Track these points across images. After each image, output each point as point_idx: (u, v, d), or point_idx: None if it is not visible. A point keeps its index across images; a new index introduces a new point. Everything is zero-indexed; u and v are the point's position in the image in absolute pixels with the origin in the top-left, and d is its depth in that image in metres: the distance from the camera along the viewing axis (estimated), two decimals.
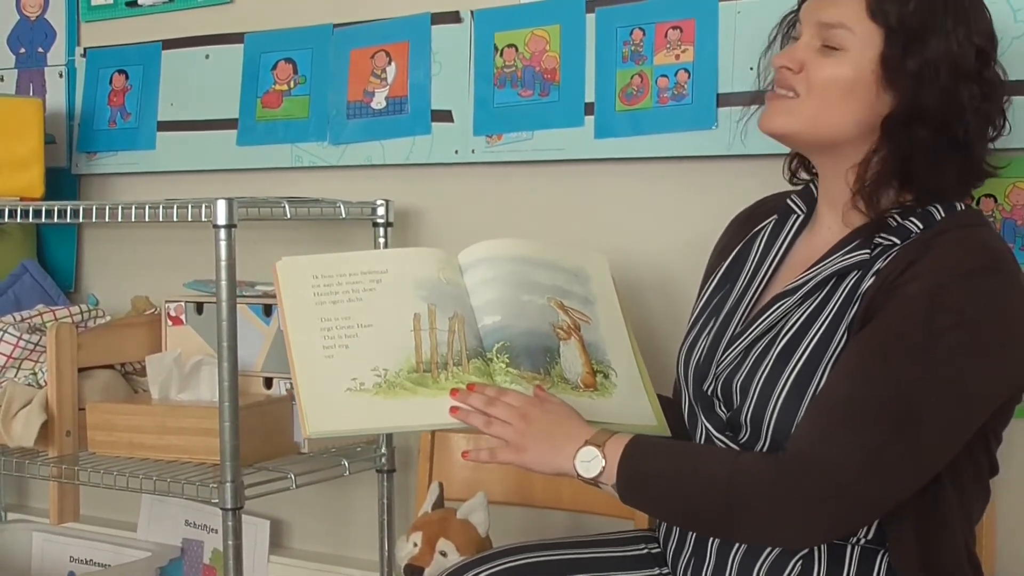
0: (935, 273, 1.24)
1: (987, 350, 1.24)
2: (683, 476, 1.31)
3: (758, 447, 1.32)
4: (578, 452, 1.33)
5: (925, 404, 1.22)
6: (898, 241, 1.30)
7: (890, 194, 1.34)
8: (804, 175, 1.51)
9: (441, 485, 1.79)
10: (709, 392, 1.41)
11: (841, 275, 1.33)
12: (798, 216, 1.47)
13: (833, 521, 1.26)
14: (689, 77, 1.86)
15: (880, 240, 1.31)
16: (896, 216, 1.32)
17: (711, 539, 1.39)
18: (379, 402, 1.41)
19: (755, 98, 1.50)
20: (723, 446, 1.36)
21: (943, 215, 1.32)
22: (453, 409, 1.40)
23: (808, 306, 1.34)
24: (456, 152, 2.07)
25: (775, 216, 1.50)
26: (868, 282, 1.29)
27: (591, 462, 1.32)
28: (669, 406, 1.53)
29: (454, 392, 1.41)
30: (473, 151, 2.05)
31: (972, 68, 1.31)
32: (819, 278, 1.34)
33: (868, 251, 1.32)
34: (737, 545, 1.37)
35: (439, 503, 1.77)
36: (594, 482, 1.34)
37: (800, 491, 1.23)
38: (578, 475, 1.33)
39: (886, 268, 1.28)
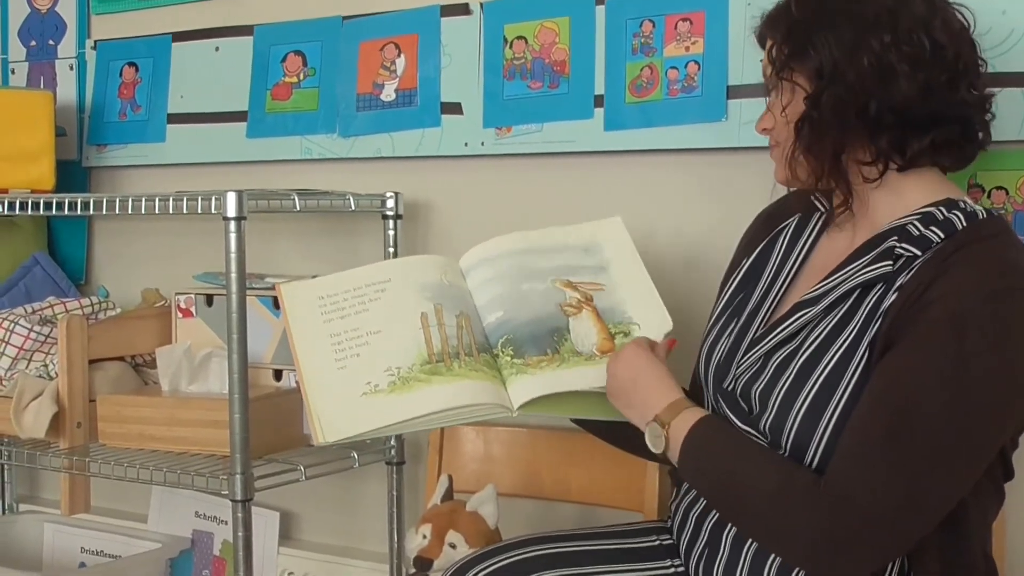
0: (958, 296, 1.23)
1: (1016, 370, 1.23)
2: (736, 477, 1.31)
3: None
4: (647, 427, 1.37)
5: (960, 431, 1.21)
6: (919, 252, 1.28)
7: (855, 168, 1.33)
8: None
9: (450, 477, 1.79)
10: (729, 390, 1.41)
11: (865, 288, 1.31)
12: (822, 214, 1.46)
13: (875, 556, 1.26)
14: (699, 69, 1.85)
15: (901, 251, 1.29)
16: (917, 223, 1.30)
17: (726, 531, 1.39)
18: (395, 399, 1.41)
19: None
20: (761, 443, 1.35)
21: (964, 223, 1.29)
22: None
23: (831, 319, 1.32)
24: (466, 144, 2.06)
25: (799, 215, 1.49)
26: (891, 298, 1.27)
27: (656, 439, 1.36)
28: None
29: None
30: (483, 143, 2.05)
31: (872, 29, 1.28)
32: (842, 289, 1.32)
33: (891, 262, 1.29)
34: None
35: (448, 495, 1.77)
36: (662, 454, 1.37)
37: (844, 530, 1.22)
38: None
39: (908, 284, 1.26)
